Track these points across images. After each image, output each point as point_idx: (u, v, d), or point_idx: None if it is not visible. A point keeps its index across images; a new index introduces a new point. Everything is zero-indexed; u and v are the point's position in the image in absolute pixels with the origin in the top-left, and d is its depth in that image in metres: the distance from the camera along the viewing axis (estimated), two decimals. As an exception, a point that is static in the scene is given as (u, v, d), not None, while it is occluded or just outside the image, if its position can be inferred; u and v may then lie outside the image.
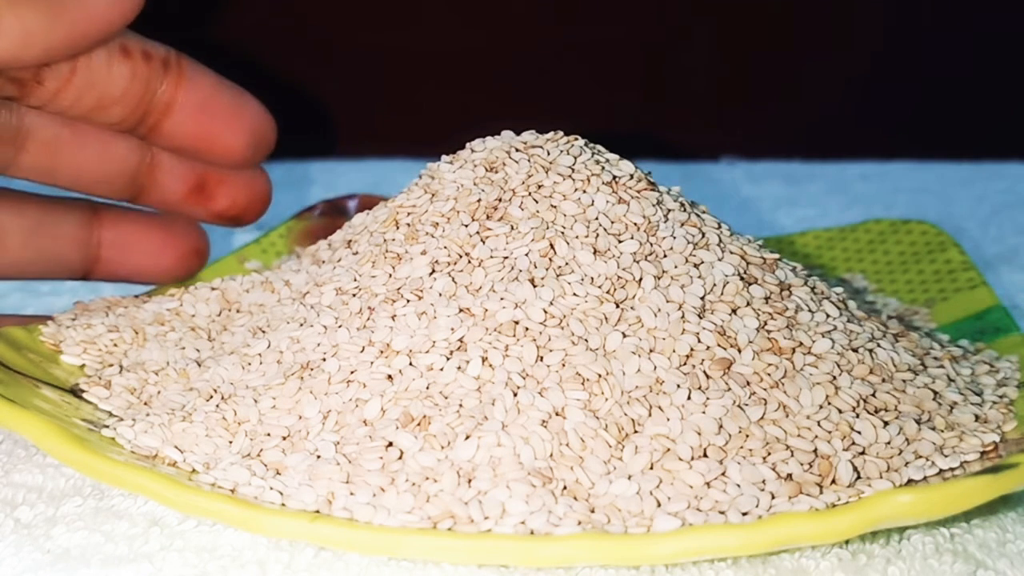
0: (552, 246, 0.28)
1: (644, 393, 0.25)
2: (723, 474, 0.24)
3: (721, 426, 0.25)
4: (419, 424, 0.25)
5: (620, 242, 0.28)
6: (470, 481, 0.24)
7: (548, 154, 0.30)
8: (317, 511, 0.24)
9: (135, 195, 0.34)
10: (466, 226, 0.29)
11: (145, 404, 0.28)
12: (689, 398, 0.25)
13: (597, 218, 0.29)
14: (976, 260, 0.39)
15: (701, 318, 0.27)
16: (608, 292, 0.27)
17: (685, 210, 0.30)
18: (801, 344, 0.27)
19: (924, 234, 0.40)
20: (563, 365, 0.26)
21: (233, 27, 0.34)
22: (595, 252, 0.28)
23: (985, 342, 0.32)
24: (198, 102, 0.33)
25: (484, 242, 0.28)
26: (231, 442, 0.26)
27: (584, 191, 0.29)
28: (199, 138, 0.33)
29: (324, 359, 0.27)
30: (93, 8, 0.29)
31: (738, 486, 0.24)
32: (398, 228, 0.30)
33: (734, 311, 0.28)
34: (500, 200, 0.29)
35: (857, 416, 0.26)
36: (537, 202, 0.29)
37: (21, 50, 0.28)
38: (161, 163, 0.34)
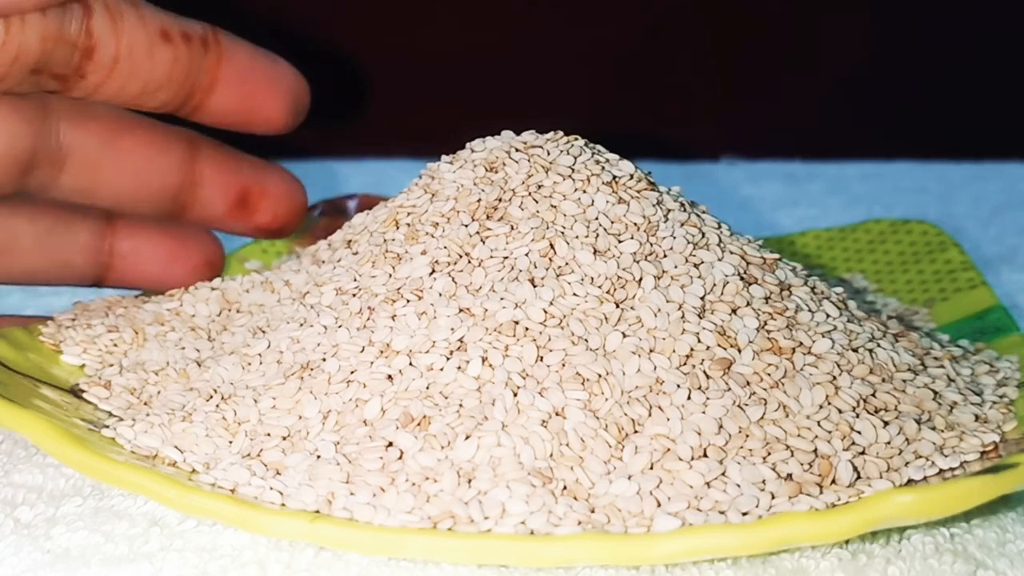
0: (552, 246, 0.28)
1: (644, 393, 0.25)
2: (723, 474, 0.24)
3: (721, 426, 0.25)
4: (419, 424, 0.25)
5: (620, 242, 0.28)
6: (470, 481, 0.24)
7: (548, 154, 0.30)
8: (317, 511, 0.24)
9: (177, 213, 0.34)
10: (466, 226, 0.29)
11: (145, 404, 0.28)
12: (689, 398, 0.25)
13: (597, 218, 0.29)
14: (976, 260, 0.39)
15: (701, 318, 0.27)
16: (608, 292, 0.27)
17: (685, 210, 0.30)
18: (801, 344, 0.27)
19: (924, 234, 0.41)
20: (563, 365, 0.26)
21: (232, 28, 0.34)
22: (595, 252, 0.28)
23: (985, 342, 0.32)
24: (238, 76, 0.32)
25: (484, 242, 0.28)
26: (231, 442, 0.26)
27: (584, 191, 0.29)
28: (242, 110, 0.33)
29: (324, 359, 0.27)
30: None
31: (738, 486, 0.24)
32: (398, 228, 0.30)
33: (734, 311, 0.28)
34: (500, 200, 0.29)
35: (857, 416, 0.26)
36: (537, 202, 0.29)
37: None
38: (203, 179, 0.34)
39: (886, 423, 0.26)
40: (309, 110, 0.35)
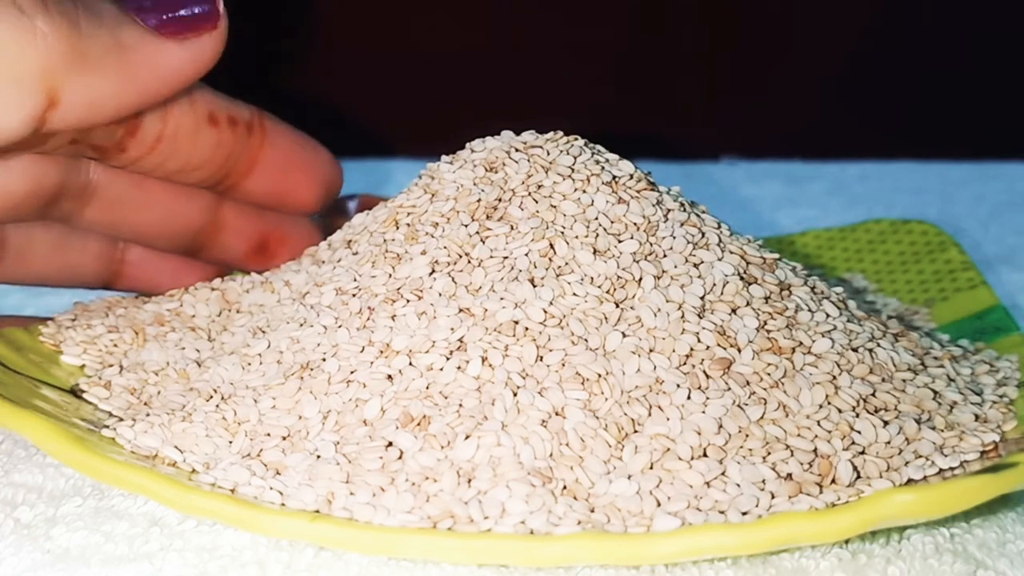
0: (552, 246, 0.28)
1: (644, 393, 0.25)
2: (723, 474, 0.24)
3: (721, 426, 0.25)
4: (419, 424, 0.25)
5: (620, 242, 0.28)
6: (470, 481, 0.24)
7: (548, 154, 0.30)
8: (317, 511, 0.24)
9: (195, 252, 0.34)
10: (466, 226, 0.29)
11: (145, 404, 0.28)
12: (689, 398, 0.25)
13: (597, 218, 0.29)
14: (976, 260, 0.39)
15: (701, 318, 0.27)
16: (608, 292, 0.27)
17: (685, 210, 0.30)
18: (801, 344, 0.27)
19: (924, 234, 0.40)
20: (563, 365, 0.26)
21: (232, 28, 0.34)
22: (595, 252, 0.28)
23: (985, 342, 0.32)
24: (277, 162, 0.33)
25: (484, 242, 0.28)
26: (231, 442, 0.26)
27: (584, 191, 0.29)
28: (275, 193, 0.33)
29: (324, 359, 0.27)
30: (165, 68, 0.28)
31: (738, 486, 0.24)
32: (398, 228, 0.30)
33: (734, 311, 0.28)
34: (500, 200, 0.29)
35: (857, 416, 0.26)
36: (537, 202, 0.29)
37: (89, 116, 0.27)
38: (225, 224, 0.34)
39: (886, 423, 0.26)
40: (311, 113, 0.35)
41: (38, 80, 0.25)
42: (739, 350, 0.27)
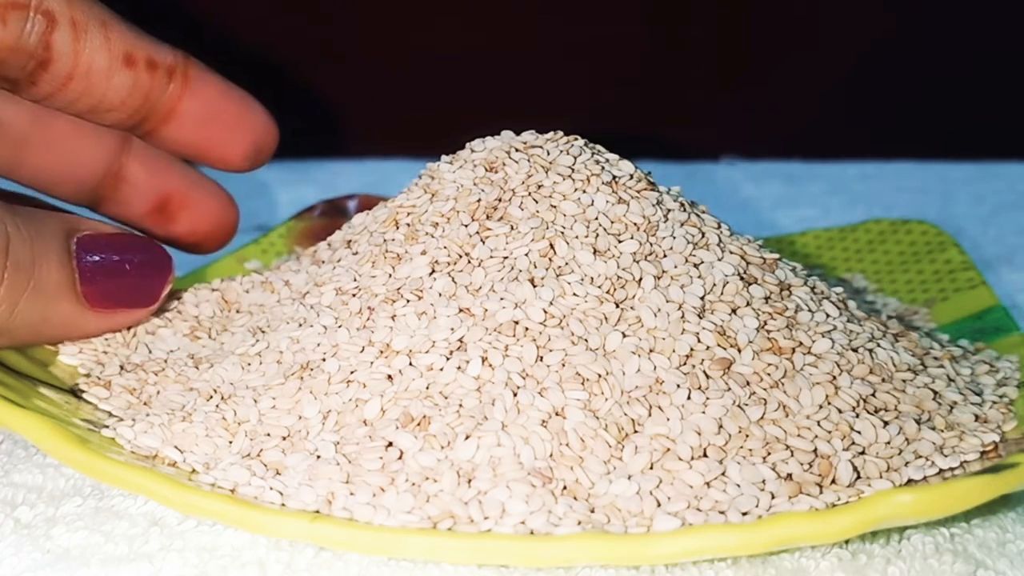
0: (552, 246, 0.28)
1: (644, 393, 0.25)
2: (723, 474, 0.24)
3: (721, 426, 0.25)
4: (419, 424, 0.25)
5: (620, 242, 0.28)
6: (470, 481, 0.24)
7: (548, 154, 0.30)
8: (317, 511, 0.24)
9: (95, 204, 0.34)
10: (466, 226, 0.29)
11: (145, 404, 0.28)
12: (689, 398, 0.25)
13: (597, 218, 0.29)
14: (976, 260, 0.39)
15: (701, 318, 0.27)
16: (608, 292, 0.27)
17: (685, 210, 0.30)
18: (801, 344, 0.27)
19: (924, 234, 0.40)
20: (563, 365, 0.26)
21: (233, 27, 0.34)
22: (595, 252, 0.28)
23: (985, 342, 0.32)
24: (200, 111, 0.32)
25: (484, 242, 0.28)
26: (231, 442, 0.26)
27: (584, 191, 0.29)
28: (198, 145, 0.33)
29: (324, 359, 0.27)
30: (75, 329, 0.30)
31: (738, 486, 0.24)
32: (398, 228, 0.30)
33: (734, 311, 0.28)
34: (500, 200, 0.29)
35: (857, 416, 0.26)
36: (537, 202, 0.29)
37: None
38: (127, 176, 0.33)
39: (886, 423, 0.26)
40: (311, 113, 0.34)
41: None
42: (739, 350, 0.27)
